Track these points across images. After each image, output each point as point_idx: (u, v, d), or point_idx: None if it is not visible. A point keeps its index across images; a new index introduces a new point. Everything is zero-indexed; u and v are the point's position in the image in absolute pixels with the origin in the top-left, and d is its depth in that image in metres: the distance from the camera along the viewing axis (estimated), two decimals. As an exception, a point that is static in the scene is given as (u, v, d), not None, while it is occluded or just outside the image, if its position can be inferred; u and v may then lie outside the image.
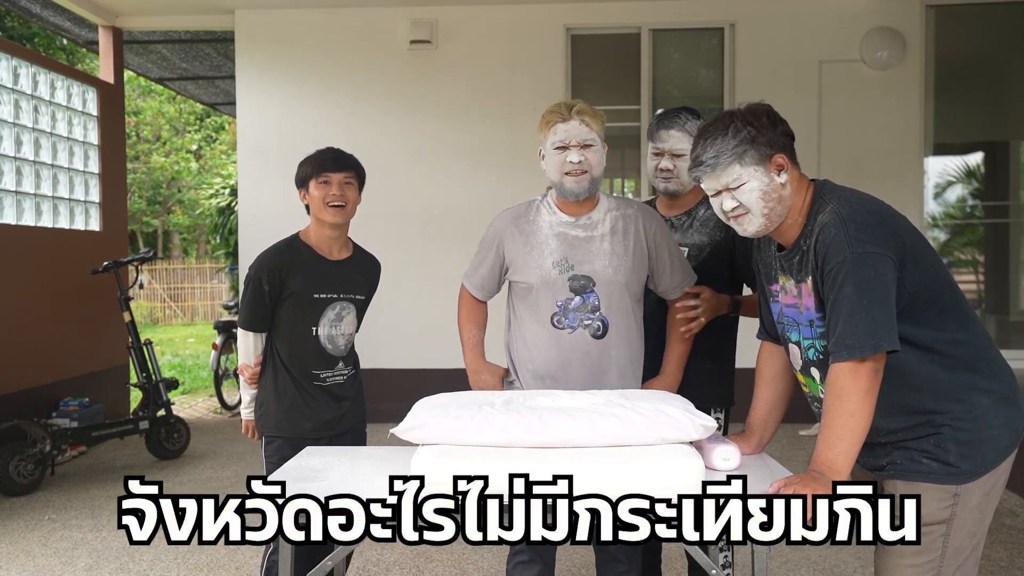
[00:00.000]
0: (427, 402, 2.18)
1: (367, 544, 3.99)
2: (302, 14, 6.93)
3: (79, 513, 4.65)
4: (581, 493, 1.81)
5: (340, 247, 2.90)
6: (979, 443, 1.94)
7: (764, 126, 1.99)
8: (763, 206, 2.00)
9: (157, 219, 24.23)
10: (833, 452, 1.87)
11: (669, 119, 2.76)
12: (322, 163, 2.81)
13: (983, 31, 7.06)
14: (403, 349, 6.84)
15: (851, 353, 1.84)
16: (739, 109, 2.04)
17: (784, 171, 2.00)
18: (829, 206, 1.95)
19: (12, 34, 14.23)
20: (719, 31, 6.90)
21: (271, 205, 6.65)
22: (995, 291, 7.34)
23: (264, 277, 2.77)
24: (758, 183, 1.99)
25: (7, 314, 5.68)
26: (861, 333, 1.83)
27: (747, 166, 1.98)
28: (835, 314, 1.87)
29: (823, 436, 1.89)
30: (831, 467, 1.86)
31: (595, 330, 2.55)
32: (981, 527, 1.99)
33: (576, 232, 2.57)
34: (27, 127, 6.10)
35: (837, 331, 1.86)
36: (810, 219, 2.00)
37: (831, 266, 1.88)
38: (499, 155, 6.67)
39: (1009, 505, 4.58)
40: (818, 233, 1.93)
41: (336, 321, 2.85)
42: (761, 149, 1.98)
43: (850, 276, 1.85)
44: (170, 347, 14.01)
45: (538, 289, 2.55)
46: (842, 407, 1.86)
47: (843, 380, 1.86)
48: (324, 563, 2.04)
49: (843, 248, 1.86)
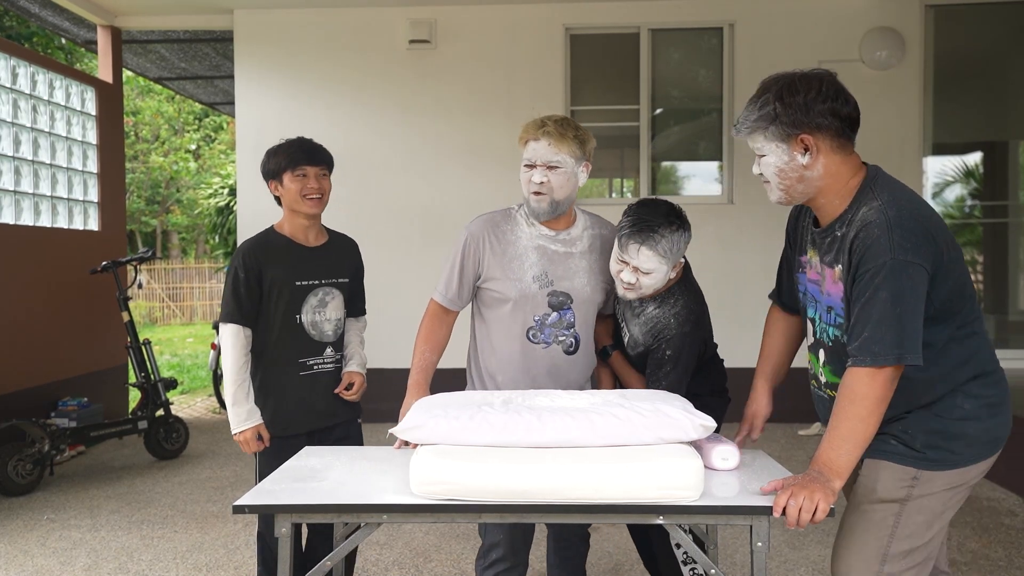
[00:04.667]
0: (426, 402, 2.18)
1: (367, 544, 4.00)
2: (301, 14, 6.93)
3: (78, 513, 4.64)
4: (581, 493, 1.81)
5: (316, 234, 2.92)
6: (950, 437, 1.95)
7: (795, 105, 1.91)
8: (779, 182, 1.99)
9: (156, 219, 24.22)
10: (836, 454, 1.87)
11: (642, 235, 2.40)
12: (297, 157, 2.81)
13: (982, 31, 7.06)
14: (403, 349, 6.78)
15: (875, 360, 1.83)
16: (787, 78, 1.95)
17: (810, 152, 1.93)
18: (877, 202, 1.89)
19: (11, 33, 14.22)
20: (718, 31, 6.90)
21: (270, 205, 6.52)
22: (994, 291, 7.35)
23: (240, 266, 2.78)
24: (776, 159, 1.97)
25: (6, 314, 5.68)
26: (889, 342, 1.82)
27: (770, 140, 1.96)
28: (864, 317, 1.85)
29: (829, 437, 1.89)
30: (832, 468, 1.87)
31: (568, 346, 2.58)
32: (939, 521, 1.99)
33: (556, 247, 2.57)
34: (26, 126, 6.10)
35: (864, 335, 1.84)
36: (852, 207, 1.94)
37: (869, 267, 1.84)
38: (498, 155, 6.67)
39: (1008, 505, 4.58)
40: (860, 228, 1.88)
41: (320, 307, 2.85)
42: (783, 128, 1.92)
43: (887, 282, 1.82)
44: (169, 347, 14.01)
45: (515, 302, 2.54)
46: (853, 411, 1.85)
47: (859, 385, 1.85)
48: (324, 563, 2.04)
49: (885, 252, 1.83)
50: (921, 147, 6.74)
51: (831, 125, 1.92)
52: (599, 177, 7.96)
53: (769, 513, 1.89)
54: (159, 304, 19.99)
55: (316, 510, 1.96)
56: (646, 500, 1.89)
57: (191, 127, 23.44)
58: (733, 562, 3.73)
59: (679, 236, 2.44)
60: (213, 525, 4.40)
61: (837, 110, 1.91)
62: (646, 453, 1.95)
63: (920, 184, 6.76)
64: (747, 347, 2.69)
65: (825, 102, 1.91)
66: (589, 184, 7.77)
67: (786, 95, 1.92)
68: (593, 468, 1.90)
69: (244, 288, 2.77)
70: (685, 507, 1.91)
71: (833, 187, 1.97)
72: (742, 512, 1.93)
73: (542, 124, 2.47)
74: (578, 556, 2.83)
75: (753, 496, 1.96)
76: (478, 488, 1.91)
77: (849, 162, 1.97)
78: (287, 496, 1.99)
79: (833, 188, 1.97)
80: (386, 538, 4.12)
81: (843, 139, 1.94)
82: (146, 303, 19.61)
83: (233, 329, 2.78)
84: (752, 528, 1.92)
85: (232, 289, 2.78)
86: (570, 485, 1.89)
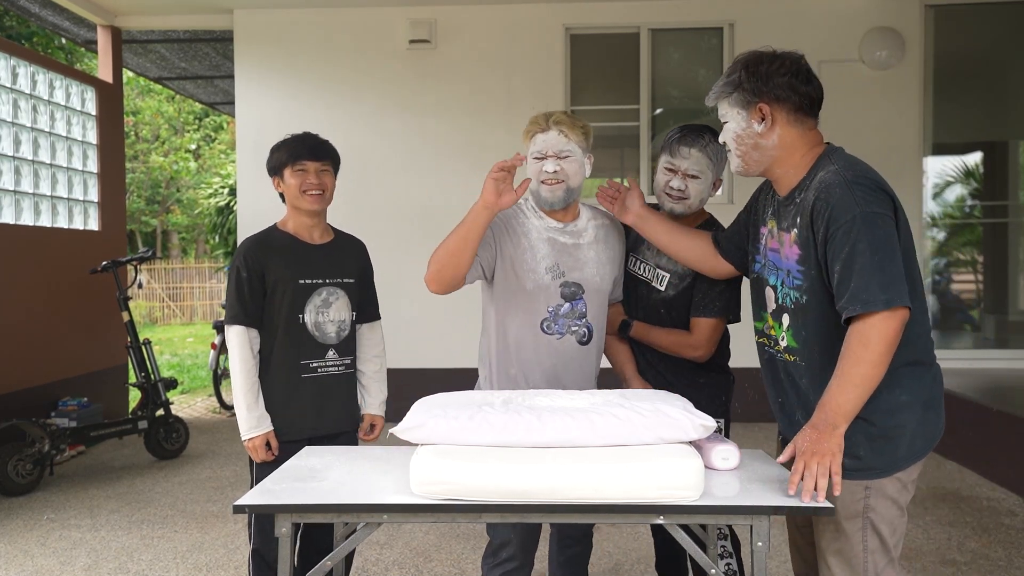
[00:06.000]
0: (426, 402, 2.18)
1: (367, 544, 4.00)
2: (301, 14, 6.93)
3: (78, 513, 4.64)
4: (581, 493, 1.81)
5: (321, 232, 2.85)
6: (890, 439, 1.98)
7: (759, 74, 2.03)
8: (736, 147, 2.11)
9: (156, 219, 24.22)
10: (845, 398, 1.88)
11: (692, 138, 2.61)
12: (298, 152, 2.77)
13: (982, 31, 7.06)
14: (402, 349, 6.81)
15: (865, 307, 1.85)
16: (758, 52, 2.08)
17: (767, 121, 2.04)
18: (834, 166, 1.99)
19: (11, 33, 14.22)
20: (718, 31, 6.91)
21: (270, 204, 6.56)
22: (994, 291, 7.35)
23: (241, 265, 2.72)
24: (735, 125, 2.09)
25: (6, 314, 5.68)
26: (875, 288, 1.85)
27: (732, 107, 2.09)
28: (846, 271, 1.88)
29: (839, 382, 1.89)
30: (840, 412, 1.88)
31: (581, 336, 2.59)
32: (900, 521, 2.03)
33: (565, 239, 2.58)
34: (26, 126, 6.10)
35: (850, 287, 1.87)
36: (809, 175, 2.04)
37: (839, 224, 1.90)
38: (498, 155, 6.57)
39: (1008, 505, 4.58)
40: (820, 191, 1.96)
41: (323, 307, 2.78)
42: (745, 95, 2.05)
43: (863, 234, 1.87)
44: (169, 347, 14.01)
45: (531, 293, 2.54)
46: (864, 356, 1.86)
47: (872, 331, 1.86)
48: (324, 563, 2.04)
49: (852, 206, 1.89)
50: (921, 147, 6.74)
51: (789, 98, 2.03)
52: (599, 177, 7.95)
53: (770, 513, 1.89)
54: (159, 304, 19.99)
55: (316, 510, 1.96)
56: (646, 500, 1.89)
57: (191, 127, 23.44)
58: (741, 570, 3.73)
59: (721, 150, 2.56)
60: (213, 525, 4.40)
61: (796, 86, 2.03)
62: (646, 453, 1.95)
63: (920, 184, 6.77)
64: (746, 347, 2.69)
65: (785, 76, 2.03)
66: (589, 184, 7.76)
67: (751, 65, 2.05)
68: (593, 468, 1.90)
69: (248, 287, 2.71)
70: (685, 507, 1.90)
71: (788, 159, 2.07)
72: (742, 512, 1.93)
73: (550, 115, 2.51)
74: (581, 556, 2.84)
75: (753, 496, 1.96)
76: (478, 488, 1.91)
77: (807, 137, 2.07)
78: (287, 496, 1.99)
79: (788, 160, 2.07)
80: (386, 538, 4.12)
81: (800, 114, 2.05)
82: (146, 303, 19.61)
83: (239, 331, 2.70)
84: (752, 528, 1.92)
85: (236, 289, 2.72)
86: (570, 485, 1.89)
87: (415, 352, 6.79)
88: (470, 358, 2.73)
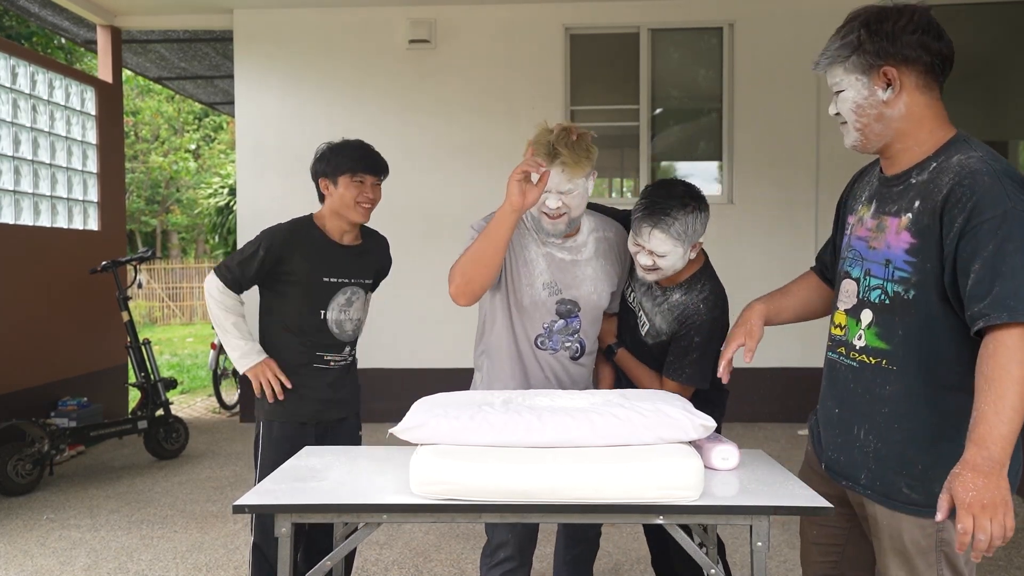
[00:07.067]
0: (426, 402, 2.18)
1: (367, 544, 4.00)
2: (301, 13, 6.93)
3: (77, 513, 4.64)
4: (581, 493, 1.80)
5: (353, 236, 2.92)
6: None
7: (882, 32, 1.74)
8: (855, 119, 1.81)
9: (156, 219, 24.23)
10: (1009, 428, 1.59)
11: (656, 217, 2.38)
12: (361, 164, 2.79)
13: (982, 31, 7.06)
14: (402, 349, 6.83)
15: (1012, 316, 1.59)
16: (879, 6, 1.79)
17: (893, 87, 1.76)
18: (977, 153, 1.72)
19: (10, 33, 14.22)
20: (718, 31, 6.91)
21: (270, 204, 6.64)
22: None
23: (264, 245, 2.74)
24: (855, 93, 1.80)
25: (5, 314, 5.67)
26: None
27: (849, 73, 1.79)
28: (991, 272, 1.62)
29: (995, 408, 1.59)
30: (1006, 446, 1.60)
31: (574, 352, 2.59)
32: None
33: (563, 255, 2.56)
34: (25, 126, 6.10)
35: (995, 290, 1.62)
36: (941, 154, 1.77)
37: (984, 218, 1.64)
38: (498, 154, 6.66)
39: (1008, 505, 4.58)
40: (960, 176, 1.69)
41: (346, 306, 2.85)
42: (866, 58, 1.76)
43: (1014, 234, 1.62)
44: (168, 347, 14.00)
45: (527, 309, 2.54)
46: (1019, 375, 1.59)
47: (1017, 348, 1.60)
48: (323, 563, 2.04)
49: (1002, 200, 1.64)
50: (921, 147, 6.73)
51: (920, 59, 1.75)
52: (599, 177, 7.95)
53: (769, 513, 1.89)
54: (159, 304, 19.99)
55: (316, 510, 1.96)
56: (646, 500, 1.89)
57: (191, 127, 23.45)
58: (733, 562, 3.72)
59: (694, 218, 2.40)
60: (213, 525, 4.40)
61: (928, 43, 1.75)
62: (646, 453, 1.95)
63: (920, 184, 6.76)
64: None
65: (915, 33, 1.74)
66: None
67: (873, 22, 1.76)
68: (593, 468, 1.90)
69: (256, 265, 2.74)
70: (685, 507, 1.90)
71: (914, 133, 1.79)
72: (742, 512, 1.93)
73: (555, 153, 2.35)
74: (587, 556, 2.86)
75: (753, 496, 1.96)
76: (478, 488, 1.91)
77: (935, 108, 1.80)
78: (287, 496, 1.99)
79: (913, 134, 1.80)
80: (386, 538, 4.12)
81: (931, 78, 1.77)
82: (146, 303, 19.60)
83: (222, 287, 2.74)
84: (752, 528, 1.91)
85: (244, 259, 2.74)
86: (570, 485, 1.89)
87: (414, 352, 6.80)
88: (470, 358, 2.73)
